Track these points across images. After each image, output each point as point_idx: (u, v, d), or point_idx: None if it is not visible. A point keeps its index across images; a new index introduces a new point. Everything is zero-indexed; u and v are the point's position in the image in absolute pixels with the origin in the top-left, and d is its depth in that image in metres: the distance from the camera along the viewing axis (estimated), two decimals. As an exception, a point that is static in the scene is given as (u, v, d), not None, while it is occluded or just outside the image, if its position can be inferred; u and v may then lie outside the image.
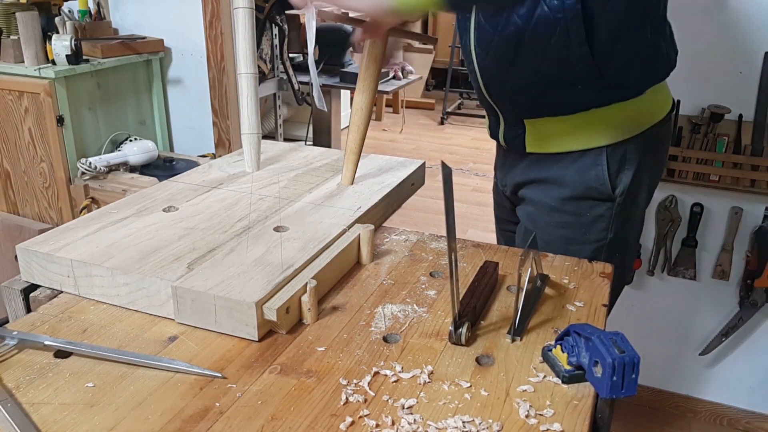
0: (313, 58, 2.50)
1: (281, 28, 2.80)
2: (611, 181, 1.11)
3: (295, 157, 1.32)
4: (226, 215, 1.02)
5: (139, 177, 2.22)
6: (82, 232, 0.94)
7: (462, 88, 6.26)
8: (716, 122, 1.76)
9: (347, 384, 0.70)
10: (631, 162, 1.12)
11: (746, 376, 2.02)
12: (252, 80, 1.20)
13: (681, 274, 1.96)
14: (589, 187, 1.12)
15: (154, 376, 0.71)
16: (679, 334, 2.06)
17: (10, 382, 0.69)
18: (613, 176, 1.11)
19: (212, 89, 2.48)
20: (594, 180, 1.12)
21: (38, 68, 2.11)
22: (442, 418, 0.65)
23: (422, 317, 0.84)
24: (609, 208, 1.14)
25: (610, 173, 1.11)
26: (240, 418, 0.65)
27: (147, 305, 0.83)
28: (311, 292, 0.80)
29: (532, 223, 1.21)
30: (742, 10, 1.68)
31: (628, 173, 1.12)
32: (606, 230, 1.15)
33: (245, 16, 1.17)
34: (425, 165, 1.31)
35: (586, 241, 1.16)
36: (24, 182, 2.34)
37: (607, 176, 1.11)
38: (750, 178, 1.77)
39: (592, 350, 0.66)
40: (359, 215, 1.02)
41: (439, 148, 5.00)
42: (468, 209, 3.84)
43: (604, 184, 1.11)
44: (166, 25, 2.49)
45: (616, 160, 1.11)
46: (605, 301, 0.89)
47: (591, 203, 1.14)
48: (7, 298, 0.88)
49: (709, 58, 1.74)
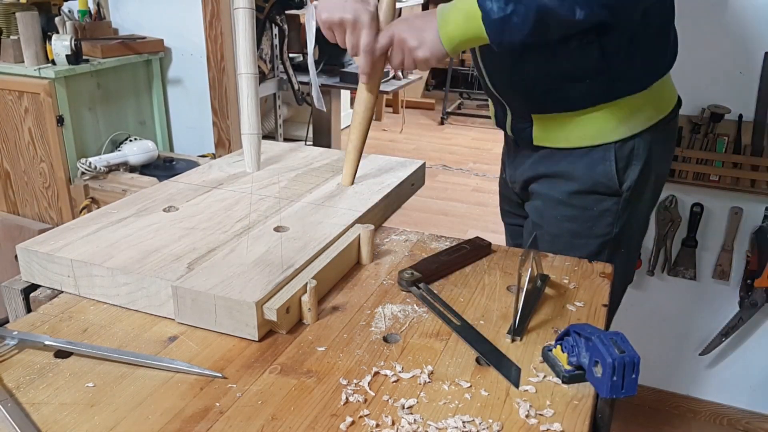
0: (313, 58, 2.49)
1: (281, 28, 2.80)
2: (619, 177, 1.13)
3: (295, 157, 1.32)
4: (226, 215, 1.02)
5: (139, 177, 2.22)
6: (82, 232, 0.94)
7: (462, 88, 6.26)
8: (716, 122, 1.76)
9: (347, 384, 0.70)
10: (639, 158, 1.13)
11: (746, 376, 2.02)
12: (252, 80, 1.20)
13: (681, 274, 1.96)
14: (597, 182, 1.14)
15: (154, 376, 0.71)
16: (679, 334, 2.06)
17: (10, 382, 0.69)
18: (620, 172, 1.13)
19: (212, 89, 2.48)
20: (602, 175, 1.13)
21: (38, 68, 2.11)
22: (442, 418, 0.65)
23: (422, 317, 0.84)
24: (615, 203, 1.15)
25: (618, 168, 1.13)
26: (240, 418, 0.65)
27: (147, 305, 0.83)
28: (311, 292, 0.80)
29: (539, 217, 1.22)
30: (742, 10, 1.68)
31: (635, 169, 1.14)
32: (612, 225, 1.16)
33: (245, 16, 1.17)
34: (425, 165, 1.32)
35: (592, 236, 1.17)
36: (24, 182, 2.34)
37: (615, 172, 1.13)
38: (750, 178, 1.77)
39: (592, 350, 0.66)
40: (359, 215, 1.03)
41: (439, 148, 5.00)
42: (468, 209, 3.84)
43: (612, 179, 1.13)
44: (166, 25, 2.49)
45: (624, 156, 1.13)
46: (605, 301, 0.89)
47: (598, 197, 1.15)
48: (7, 298, 0.88)
49: (709, 58, 1.74)
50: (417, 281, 0.89)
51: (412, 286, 0.89)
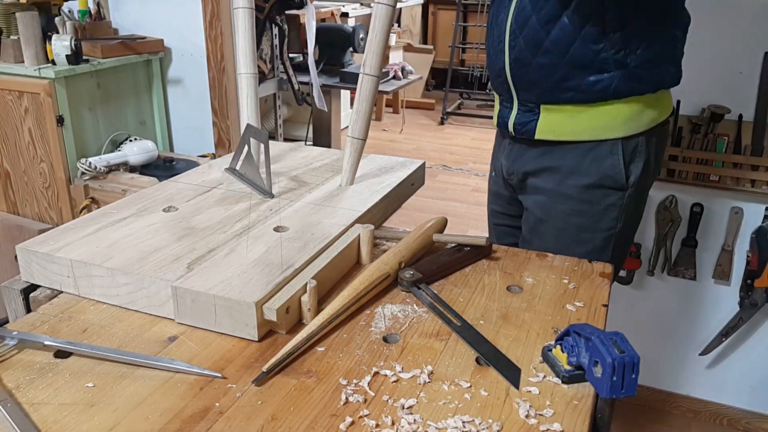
0: (313, 58, 2.49)
1: (281, 28, 2.80)
2: (626, 171, 1.16)
3: (295, 157, 1.32)
4: (226, 215, 1.02)
5: (139, 177, 2.22)
6: (82, 232, 0.94)
7: (462, 88, 6.26)
8: (716, 122, 1.76)
9: (347, 384, 0.70)
10: (641, 154, 1.17)
11: (746, 376, 2.02)
12: (252, 80, 1.20)
13: (681, 274, 1.96)
14: (605, 175, 1.17)
15: (154, 376, 0.71)
16: (679, 334, 2.06)
17: (10, 382, 0.69)
18: (627, 166, 1.17)
19: (212, 89, 2.49)
20: (610, 169, 1.16)
21: (38, 68, 2.11)
22: (442, 418, 0.65)
23: (422, 317, 0.84)
24: (620, 198, 1.18)
25: (625, 163, 1.16)
26: (240, 418, 0.65)
27: (147, 305, 0.83)
28: (311, 292, 0.80)
29: (544, 213, 1.23)
30: (742, 10, 1.68)
31: (639, 164, 1.17)
32: (617, 219, 1.19)
33: (245, 16, 1.17)
34: (425, 165, 1.31)
35: (598, 230, 1.20)
36: (24, 182, 2.34)
37: (623, 165, 1.16)
38: (750, 178, 1.77)
39: (592, 350, 0.66)
40: (359, 215, 1.02)
41: (439, 148, 5.00)
42: (468, 209, 3.84)
43: (620, 173, 1.16)
44: (166, 25, 2.49)
45: (630, 152, 1.16)
46: (605, 301, 0.89)
47: (604, 192, 1.18)
48: (7, 298, 0.88)
49: (709, 58, 1.74)
50: (417, 281, 0.89)
51: (413, 286, 0.89)
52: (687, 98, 1.79)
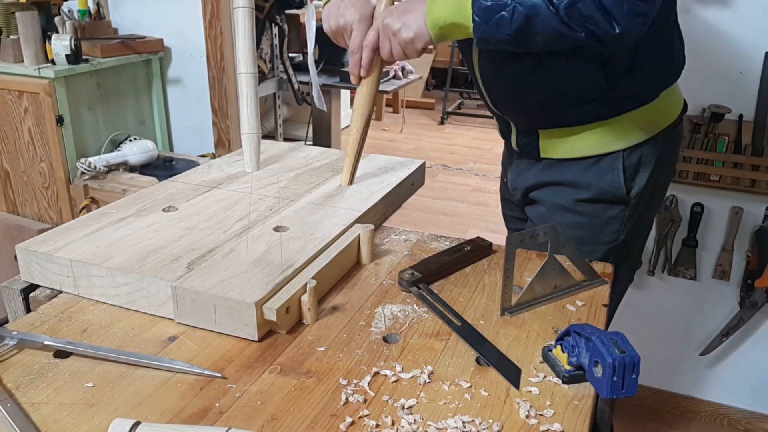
0: (313, 58, 2.49)
1: (281, 27, 2.80)
2: (626, 185, 1.12)
3: (295, 157, 1.32)
4: (225, 215, 1.01)
5: (139, 177, 2.22)
6: (81, 232, 0.94)
7: (462, 88, 6.26)
8: (716, 122, 1.76)
9: (347, 384, 0.70)
10: (647, 165, 1.12)
11: (746, 376, 2.02)
12: (252, 80, 1.20)
13: (681, 274, 1.96)
14: (605, 190, 1.13)
15: (154, 376, 0.71)
16: (679, 334, 2.05)
17: (10, 382, 0.69)
18: (628, 180, 1.12)
19: (212, 89, 2.48)
20: (610, 184, 1.12)
21: (38, 68, 2.10)
22: (442, 419, 0.65)
23: (422, 317, 0.83)
24: (622, 211, 1.14)
25: (626, 177, 1.12)
26: (240, 418, 0.65)
27: (147, 305, 0.83)
28: (311, 292, 0.80)
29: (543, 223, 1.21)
30: (742, 10, 1.68)
31: (644, 176, 1.13)
32: (618, 232, 1.15)
33: (245, 15, 1.17)
34: (425, 165, 1.31)
35: (599, 243, 1.16)
36: (24, 182, 2.34)
37: (623, 180, 1.12)
38: (750, 178, 1.77)
39: (592, 350, 0.66)
40: (359, 215, 1.02)
41: (439, 147, 5.00)
42: (468, 209, 3.84)
43: (620, 188, 1.12)
44: (165, 25, 2.49)
45: (632, 164, 1.12)
46: (605, 301, 0.89)
47: (605, 206, 1.14)
48: (6, 298, 0.88)
49: (709, 58, 1.73)
50: (417, 281, 0.89)
51: (413, 286, 0.89)
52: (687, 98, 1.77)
